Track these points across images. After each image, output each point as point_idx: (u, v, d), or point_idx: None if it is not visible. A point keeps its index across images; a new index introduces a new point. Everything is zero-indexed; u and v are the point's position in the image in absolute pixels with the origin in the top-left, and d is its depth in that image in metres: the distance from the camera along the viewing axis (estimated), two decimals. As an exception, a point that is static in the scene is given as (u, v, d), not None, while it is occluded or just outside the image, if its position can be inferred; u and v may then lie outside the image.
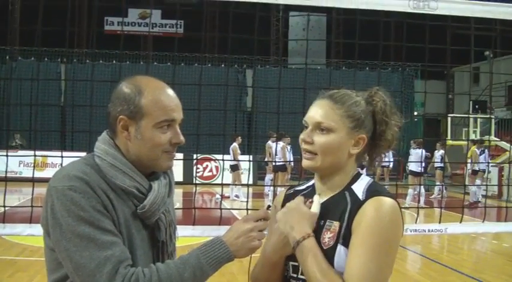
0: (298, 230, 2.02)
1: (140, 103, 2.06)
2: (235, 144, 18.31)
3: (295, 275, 2.14)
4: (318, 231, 2.06)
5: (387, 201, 2.01)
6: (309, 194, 2.21)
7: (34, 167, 6.42)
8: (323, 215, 2.09)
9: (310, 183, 2.27)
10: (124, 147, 2.10)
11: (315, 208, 2.08)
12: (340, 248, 2.00)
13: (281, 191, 2.40)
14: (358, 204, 2.02)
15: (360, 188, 2.09)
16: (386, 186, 2.22)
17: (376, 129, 2.14)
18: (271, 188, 18.22)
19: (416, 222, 4.97)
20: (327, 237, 2.04)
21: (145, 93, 2.07)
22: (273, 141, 17.53)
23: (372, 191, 2.05)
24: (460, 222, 5.21)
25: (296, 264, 2.10)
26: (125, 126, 2.08)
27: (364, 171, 2.21)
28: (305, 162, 2.12)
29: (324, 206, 2.12)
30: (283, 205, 2.27)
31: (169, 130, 2.10)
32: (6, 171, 7.15)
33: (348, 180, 2.13)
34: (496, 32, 21.80)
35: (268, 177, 19.02)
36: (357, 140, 2.10)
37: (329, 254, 2.00)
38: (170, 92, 2.14)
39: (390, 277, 2.05)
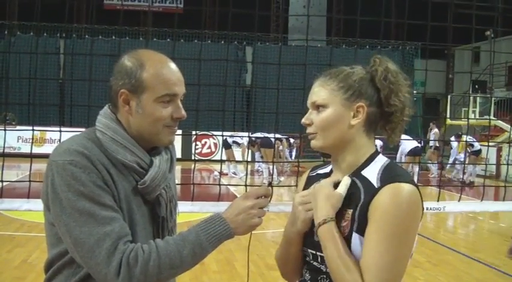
0: (319, 213, 1.98)
1: (142, 77, 2.03)
2: (244, 143, 18.43)
3: (315, 262, 2.09)
4: (336, 219, 2.00)
5: (405, 187, 1.91)
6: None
7: (32, 142, 6.39)
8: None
9: (329, 168, 2.20)
10: (125, 122, 2.08)
11: (341, 189, 1.99)
12: (355, 237, 1.94)
13: (305, 172, 2.36)
14: (373, 191, 1.94)
15: (372, 173, 2.00)
16: None
17: (380, 96, 2.05)
18: (262, 164, 18.36)
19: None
20: (342, 225, 1.98)
21: (147, 66, 2.04)
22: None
23: (388, 177, 1.96)
24: (459, 201, 5.20)
25: (314, 252, 2.06)
26: (126, 100, 2.06)
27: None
28: (311, 144, 2.08)
29: None
30: (305, 187, 2.23)
31: (170, 104, 2.07)
32: (4, 146, 7.12)
33: (362, 162, 2.05)
34: (497, 11, 21.69)
35: (258, 154, 19.07)
36: (356, 109, 2.02)
37: (346, 242, 1.95)
38: (172, 66, 2.11)
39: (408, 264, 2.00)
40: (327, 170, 2.22)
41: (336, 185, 2.03)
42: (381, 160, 2.06)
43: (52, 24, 24.85)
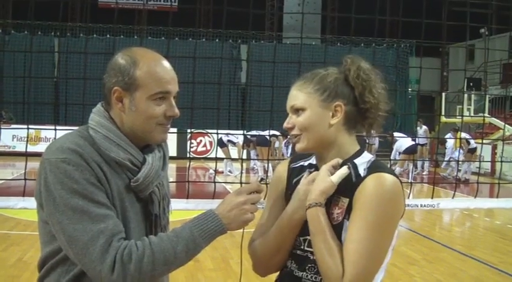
0: (308, 196, 2.03)
1: (135, 74, 2.04)
2: (239, 142, 18.48)
3: (299, 251, 2.13)
4: (328, 206, 2.05)
5: (388, 177, 2.00)
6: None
7: (27, 140, 6.40)
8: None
9: (313, 160, 2.24)
10: (118, 119, 2.09)
11: (334, 177, 2.03)
12: (346, 223, 2.00)
13: (284, 161, 2.39)
14: (359, 179, 2.02)
15: (361, 163, 2.07)
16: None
17: (355, 94, 2.11)
18: (257, 162, 18.39)
19: (408, 198, 4.98)
20: (336, 212, 2.04)
21: (140, 64, 2.05)
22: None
23: (373, 167, 2.04)
24: (453, 197, 5.23)
25: (301, 237, 2.11)
26: (120, 97, 2.06)
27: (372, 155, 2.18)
28: (296, 147, 2.13)
29: None
30: (289, 179, 2.27)
31: (164, 102, 2.08)
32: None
33: (349, 155, 2.11)
34: (491, 9, 21.72)
35: (253, 152, 19.13)
36: (334, 109, 2.08)
37: (337, 230, 2.00)
38: (166, 64, 2.11)
39: (390, 252, 2.05)
40: (312, 161, 2.26)
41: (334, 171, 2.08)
42: (367, 156, 2.13)
43: (46, 23, 24.78)
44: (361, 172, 2.04)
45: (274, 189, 2.30)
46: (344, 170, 2.05)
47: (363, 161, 2.09)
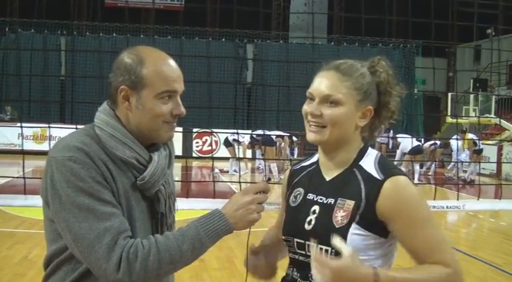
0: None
1: (142, 73, 2.04)
2: (244, 141, 18.43)
3: (301, 257, 2.10)
4: (328, 209, 2.03)
5: (404, 179, 1.99)
6: (314, 170, 2.18)
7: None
8: (333, 193, 2.06)
9: (315, 158, 2.23)
10: (124, 118, 2.09)
11: (346, 250, 1.86)
12: (354, 228, 1.96)
13: (288, 169, 2.38)
14: (376, 183, 1.98)
15: (369, 164, 2.05)
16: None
17: (380, 100, 2.09)
18: (263, 162, 18.39)
19: (434, 199, 4.97)
20: (340, 215, 1.99)
21: (146, 63, 2.05)
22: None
23: (386, 169, 2.02)
24: (478, 199, 5.24)
25: (302, 241, 2.07)
26: (126, 96, 2.06)
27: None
28: (311, 136, 2.06)
29: (332, 183, 2.09)
30: (289, 181, 2.28)
31: (170, 101, 2.08)
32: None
33: (355, 156, 2.09)
34: (499, 9, 21.66)
35: (258, 152, 19.12)
36: (364, 112, 2.05)
37: (341, 233, 1.95)
38: (172, 62, 2.11)
39: (395, 252, 2.08)
40: (313, 160, 2.25)
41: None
42: (373, 153, 2.11)
43: (53, 22, 24.83)
44: (376, 175, 2.01)
45: (282, 193, 2.32)
46: (339, 241, 1.89)
47: (371, 160, 2.07)
